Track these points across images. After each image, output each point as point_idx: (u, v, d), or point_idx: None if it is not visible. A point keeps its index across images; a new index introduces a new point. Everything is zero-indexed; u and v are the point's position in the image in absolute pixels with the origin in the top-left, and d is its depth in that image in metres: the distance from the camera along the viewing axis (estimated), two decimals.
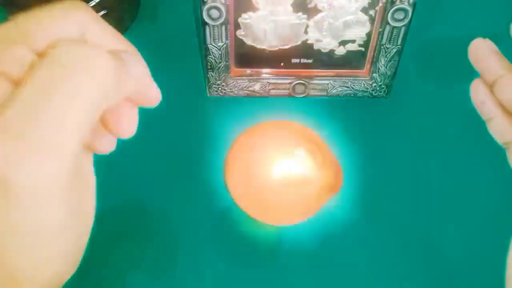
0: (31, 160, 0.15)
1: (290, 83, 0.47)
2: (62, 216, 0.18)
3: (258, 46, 0.45)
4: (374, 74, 0.47)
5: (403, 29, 0.43)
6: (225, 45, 0.44)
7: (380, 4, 0.42)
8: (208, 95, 0.48)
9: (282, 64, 0.47)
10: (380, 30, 0.44)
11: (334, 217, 0.44)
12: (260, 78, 0.47)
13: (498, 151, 0.29)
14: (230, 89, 0.48)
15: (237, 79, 0.47)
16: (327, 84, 0.48)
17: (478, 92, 0.28)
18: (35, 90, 0.15)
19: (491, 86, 0.28)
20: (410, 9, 0.42)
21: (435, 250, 0.44)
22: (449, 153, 0.48)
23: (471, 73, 0.29)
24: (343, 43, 0.45)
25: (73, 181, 0.17)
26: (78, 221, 0.20)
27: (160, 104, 0.55)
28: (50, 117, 0.15)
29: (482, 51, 0.28)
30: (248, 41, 0.45)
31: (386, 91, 0.48)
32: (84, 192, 0.20)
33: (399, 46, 0.45)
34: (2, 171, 0.15)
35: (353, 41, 0.45)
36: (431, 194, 0.46)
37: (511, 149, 0.28)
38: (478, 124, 0.29)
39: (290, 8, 0.43)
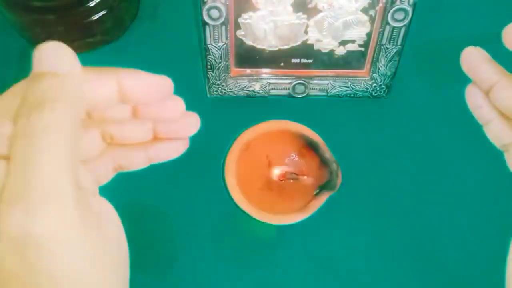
0: (39, 213, 0.18)
1: (290, 83, 0.47)
2: (85, 252, 0.19)
3: (258, 46, 0.45)
4: (374, 74, 0.47)
5: (403, 29, 0.43)
6: (225, 45, 0.44)
7: (380, 4, 0.42)
8: (208, 95, 0.48)
9: (282, 64, 0.47)
10: (380, 30, 0.44)
11: (333, 216, 0.44)
12: (260, 78, 0.47)
13: (498, 151, 0.29)
14: (230, 89, 0.48)
15: (237, 79, 0.47)
16: (327, 84, 0.48)
17: (474, 97, 0.28)
18: (18, 162, 0.18)
19: (486, 93, 0.28)
20: (410, 9, 0.42)
21: (435, 249, 0.44)
22: (448, 153, 0.48)
23: None
24: (343, 43, 0.45)
25: (84, 215, 0.19)
26: (104, 253, 0.20)
27: None
28: (39, 176, 0.18)
29: (474, 60, 0.27)
30: (248, 41, 0.45)
31: (386, 91, 0.48)
32: (101, 223, 0.21)
33: (399, 46, 0.45)
34: (19, 229, 0.17)
35: (353, 41, 0.45)
36: (431, 194, 0.46)
37: (510, 152, 0.28)
38: (477, 124, 0.29)
39: (290, 8, 0.42)
